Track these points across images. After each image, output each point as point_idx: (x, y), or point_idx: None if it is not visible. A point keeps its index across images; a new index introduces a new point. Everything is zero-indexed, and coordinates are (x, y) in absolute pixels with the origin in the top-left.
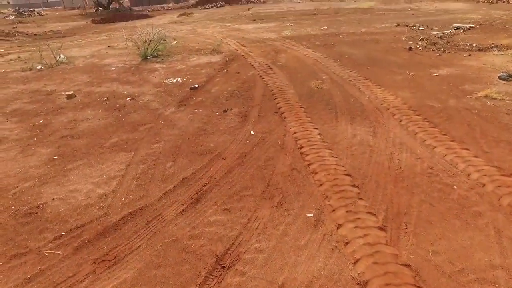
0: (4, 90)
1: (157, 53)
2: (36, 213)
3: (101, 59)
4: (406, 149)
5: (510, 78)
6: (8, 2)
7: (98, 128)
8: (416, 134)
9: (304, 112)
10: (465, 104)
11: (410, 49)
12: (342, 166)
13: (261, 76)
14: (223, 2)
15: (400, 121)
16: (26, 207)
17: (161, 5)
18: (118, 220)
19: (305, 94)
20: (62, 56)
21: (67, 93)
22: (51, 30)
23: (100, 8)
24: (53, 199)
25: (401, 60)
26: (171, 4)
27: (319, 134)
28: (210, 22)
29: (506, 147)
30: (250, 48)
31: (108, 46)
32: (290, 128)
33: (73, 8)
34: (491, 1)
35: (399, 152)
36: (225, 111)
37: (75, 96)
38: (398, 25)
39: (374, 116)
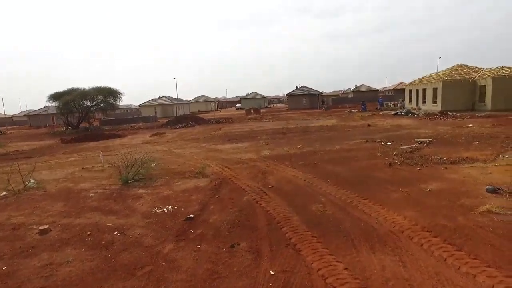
0: None
1: (138, 177)
2: None
3: (76, 183)
4: (446, 280)
5: (497, 191)
6: None
7: (83, 274)
8: (445, 260)
9: (318, 242)
10: (474, 221)
11: (390, 164)
12: None
13: (257, 201)
14: (193, 122)
15: (421, 245)
16: None
17: (131, 125)
18: None
19: (311, 220)
20: (32, 180)
21: (40, 227)
22: (16, 150)
23: (69, 127)
24: None
25: (388, 176)
26: (140, 124)
27: (345, 268)
28: (185, 142)
29: None
30: (234, 171)
31: (82, 168)
32: (311, 263)
33: (39, 127)
34: (431, 118)
35: (441, 286)
36: (232, 246)
37: (50, 230)
38: (367, 141)
39: (393, 241)
